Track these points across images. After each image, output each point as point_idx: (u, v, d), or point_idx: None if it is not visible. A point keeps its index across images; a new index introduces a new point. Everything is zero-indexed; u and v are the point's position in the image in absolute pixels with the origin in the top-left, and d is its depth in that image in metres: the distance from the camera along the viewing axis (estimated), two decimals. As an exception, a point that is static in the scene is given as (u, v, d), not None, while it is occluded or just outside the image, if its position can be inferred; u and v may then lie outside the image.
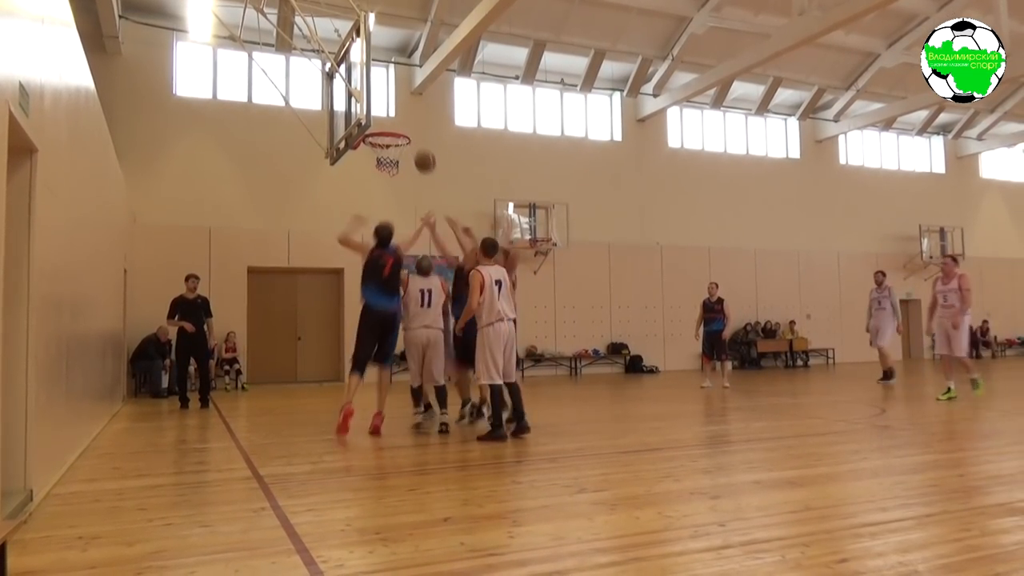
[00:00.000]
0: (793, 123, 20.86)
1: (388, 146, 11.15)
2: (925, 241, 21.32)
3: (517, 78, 17.55)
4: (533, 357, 16.62)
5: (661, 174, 18.83)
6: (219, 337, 13.54)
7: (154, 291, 13.11)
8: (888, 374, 12.04)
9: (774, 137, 20.76)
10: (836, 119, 20.78)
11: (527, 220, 16.65)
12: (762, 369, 18.23)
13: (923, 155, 22.70)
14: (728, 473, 5.16)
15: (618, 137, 18.73)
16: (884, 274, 12.45)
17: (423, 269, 7.65)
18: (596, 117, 18.68)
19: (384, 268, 7.31)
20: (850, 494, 4.46)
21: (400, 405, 8.80)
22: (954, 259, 9.87)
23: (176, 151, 14.71)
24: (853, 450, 6.03)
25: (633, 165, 18.61)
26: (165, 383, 12.48)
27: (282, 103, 14.28)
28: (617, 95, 18.70)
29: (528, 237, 16.56)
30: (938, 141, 22.91)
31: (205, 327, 10.42)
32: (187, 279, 10.42)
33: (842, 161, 21.52)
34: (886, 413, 8.37)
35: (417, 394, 7.68)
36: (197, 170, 14.75)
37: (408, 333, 7.39)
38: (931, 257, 21.18)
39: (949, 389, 9.33)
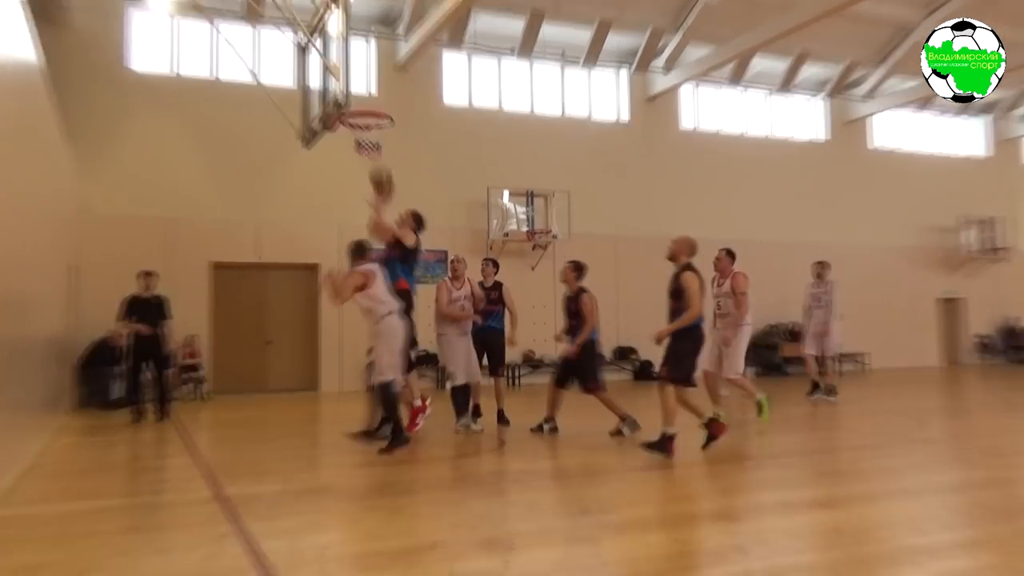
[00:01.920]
0: (820, 102, 20.87)
1: (369, 127, 11.10)
2: (967, 233, 21.37)
3: (513, 52, 17.52)
4: (531, 363, 16.60)
5: (673, 159, 18.82)
6: (178, 341, 13.49)
7: (107, 290, 13.02)
8: (817, 387, 11.27)
9: (799, 117, 20.77)
10: (867, 98, 20.80)
11: (524, 210, 16.62)
12: (787, 376, 18.25)
13: (964, 137, 22.75)
14: (749, 492, 5.14)
15: (625, 118, 18.71)
16: (826, 265, 12.02)
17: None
18: (601, 95, 18.65)
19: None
20: (885, 516, 4.45)
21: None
22: (729, 252, 8.45)
23: (132, 133, 14.64)
24: (889, 467, 6.02)
25: (642, 149, 18.60)
26: (118, 393, 12.42)
27: (251, 80, 14.19)
28: (624, 71, 18.67)
29: (525, 229, 16.54)
30: (980, 122, 22.95)
31: (162, 330, 10.37)
32: (141, 275, 10.37)
33: (874, 144, 21.53)
34: (925, 426, 8.37)
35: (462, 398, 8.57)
36: (155, 154, 14.68)
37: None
38: (973, 251, 21.23)
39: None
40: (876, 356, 20.19)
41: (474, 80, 17.41)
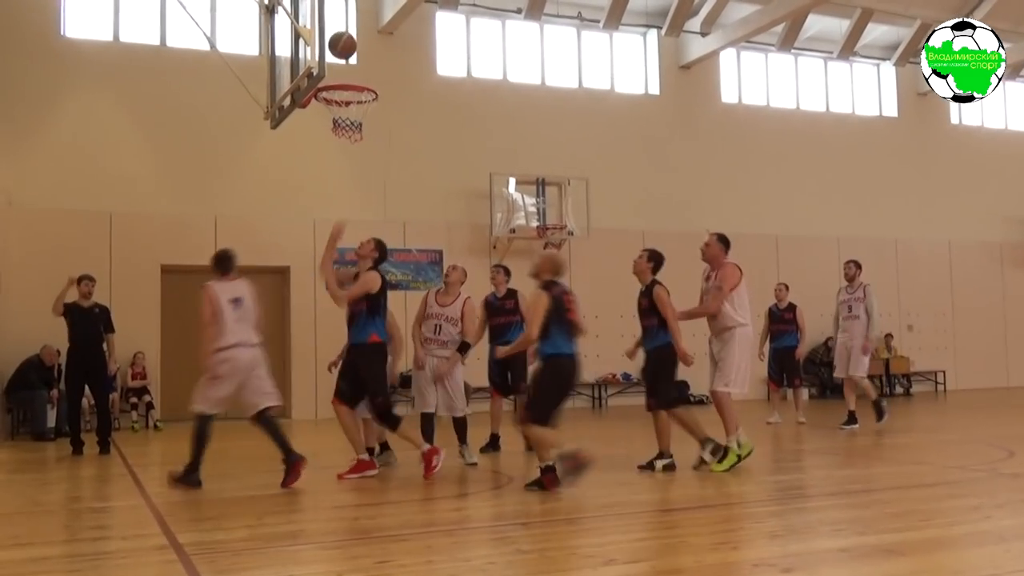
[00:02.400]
0: (888, 70, 20.90)
1: (348, 103, 11.19)
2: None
3: (520, 12, 17.60)
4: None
5: (712, 138, 18.87)
6: (123, 359, 13.56)
7: (35, 298, 13.11)
8: (879, 411, 10.95)
9: (863, 88, 20.81)
10: (945, 64, 20.84)
11: (534, 201, 16.69)
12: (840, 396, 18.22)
13: (1062, 111, 22.75)
14: (804, 538, 5.17)
15: (655, 89, 18.77)
16: (858, 265, 11.74)
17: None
18: (625, 63, 18.72)
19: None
20: (968, 564, 4.46)
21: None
22: (722, 238, 7.92)
23: (64, 111, 14.76)
24: (972, 506, 6.04)
25: (675, 126, 18.65)
26: (52, 421, 12.49)
27: (206, 47, 14.31)
28: (653, 33, 18.74)
29: (535, 224, 16.60)
30: (1082, 93, 22.96)
31: (106, 345, 10.43)
32: (80, 281, 10.42)
33: (955, 120, 21.55)
34: (1015, 457, 8.38)
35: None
36: (92, 136, 14.80)
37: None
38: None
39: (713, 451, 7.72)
40: (955, 375, 20.19)
41: (473, 46, 17.51)
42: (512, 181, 16.60)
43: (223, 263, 8.12)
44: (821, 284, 19.07)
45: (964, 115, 21.67)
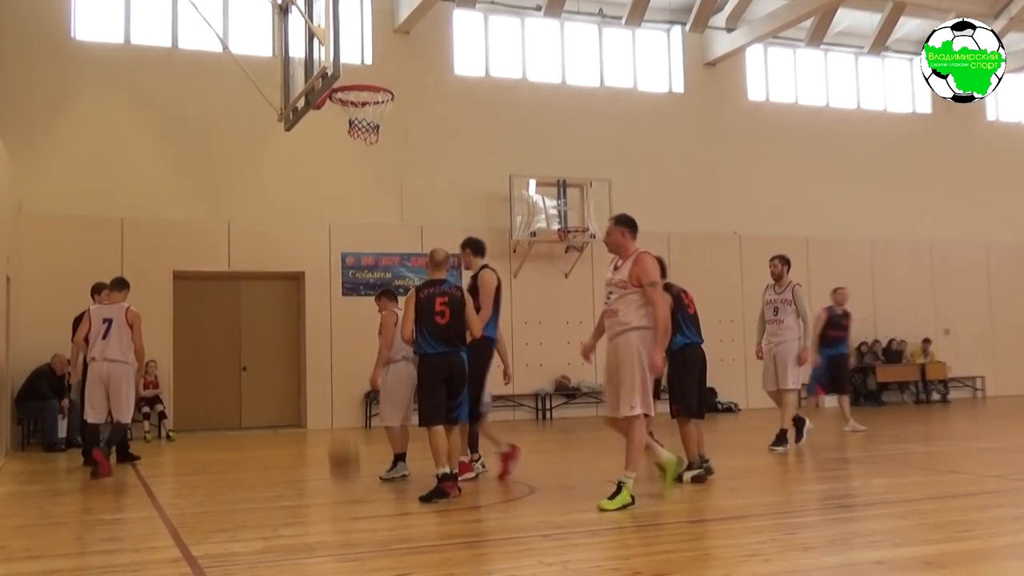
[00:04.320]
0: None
1: (364, 104, 11.24)
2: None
3: (539, 9, 17.62)
4: (565, 392, 16.61)
5: (738, 137, 18.80)
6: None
7: (47, 305, 13.25)
8: (798, 426, 10.29)
9: (895, 84, 20.67)
10: (981, 58, 20.66)
11: (555, 203, 16.68)
12: (883, 405, 18.12)
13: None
14: (839, 549, 5.12)
15: (679, 87, 18.72)
16: (785, 262, 10.58)
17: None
18: (648, 60, 18.69)
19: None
20: (1010, 578, 4.42)
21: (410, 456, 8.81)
22: (625, 220, 6.96)
23: (76, 115, 14.89)
24: (1013, 516, 5.97)
25: (700, 125, 18.60)
26: (63, 431, 12.58)
27: (219, 48, 14.42)
28: (677, 30, 18.71)
29: (556, 227, 16.59)
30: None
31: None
32: (102, 290, 10.37)
33: (991, 116, 21.37)
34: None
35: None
36: (105, 141, 14.92)
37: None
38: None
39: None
40: (994, 380, 20.00)
41: (491, 44, 17.53)
42: (532, 183, 16.59)
43: (118, 285, 9.63)
44: (853, 289, 18.95)
45: (1001, 111, 21.49)
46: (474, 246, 8.48)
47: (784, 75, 19.67)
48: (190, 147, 15.25)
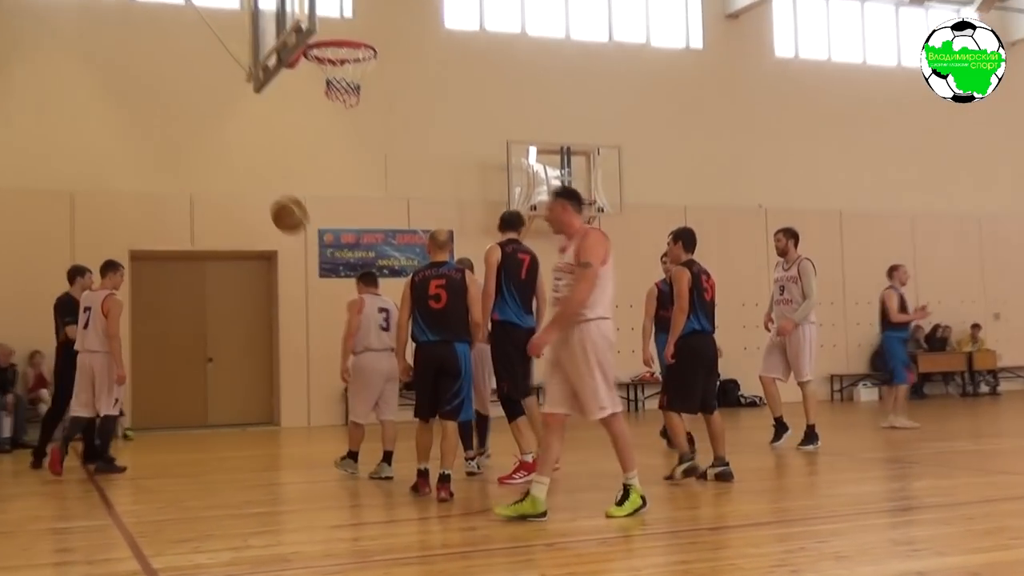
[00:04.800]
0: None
1: (343, 62, 11.18)
2: None
3: (539, -46, 17.53)
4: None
5: (764, 98, 18.75)
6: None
7: (-11, 290, 13.24)
8: (782, 427, 10.25)
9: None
10: (1037, 8, 20.59)
11: (558, 173, 16.63)
12: (925, 398, 18.14)
13: None
14: (876, 559, 5.13)
15: (697, 43, 18.65)
16: (791, 235, 10.60)
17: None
18: (663, 12, 18.60)
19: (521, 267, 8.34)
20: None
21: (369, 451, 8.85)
22: (567, 193, 6.88)
23: (18, 77, 14.82)
24: (1069, 522, 5.99)
25: (721, 85, 18.53)
26: (7, 430, 12.60)
27: (180, 0, 14.36)
28: (694, -23, 18.64)
29: (559, 199, 16.56)
30: None
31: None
32: (84, 273, 10.43)
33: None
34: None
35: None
36: (52, 105, 14.85)
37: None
38: None
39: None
40: (1052, 370, 19.98)
41: (486, -6, 17.43)
42: (532, 151, 16.54)
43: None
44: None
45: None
46: (502, 221, 8.68)
47: (816, 28, 19.57)
48: (148, 112, 15.18)
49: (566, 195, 6.72)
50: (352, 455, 8.83)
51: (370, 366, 8.79)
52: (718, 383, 8.15)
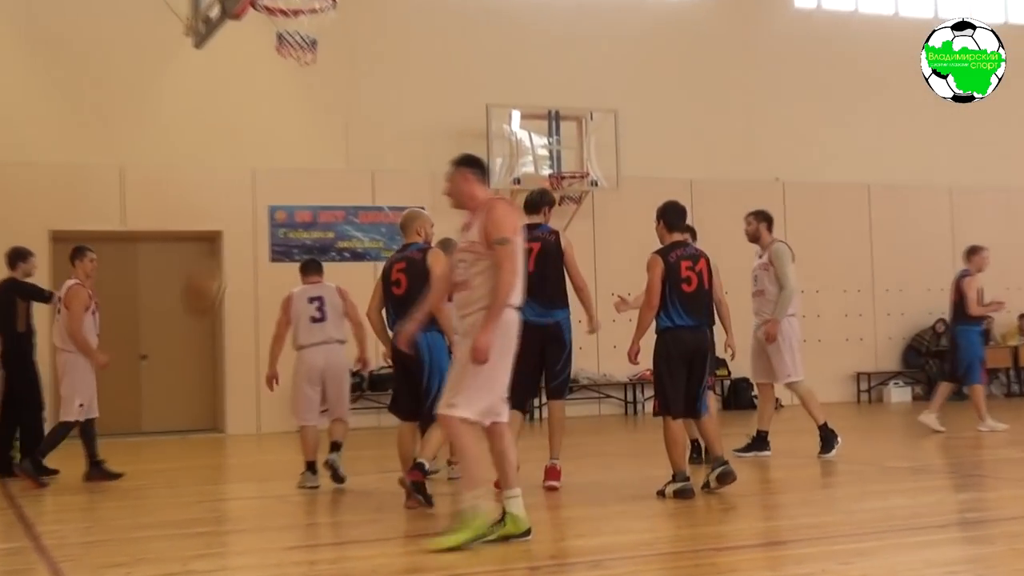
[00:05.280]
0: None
1: (297, 13, 11.13)
2: None
3: None
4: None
5: (782, 55, 18.76)
6: None
7: None
8: (826, 438, 10.24)
9: (983, -13, 20.63)
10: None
11: (545, 142, 16.61)
12: (965, 399, 18.18)
13: None
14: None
15: (704, -9, 18.66)
16: (761, 218, 10.61)
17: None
18: (665, -44, 18.60)
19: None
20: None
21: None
22: (469, 161, 6.56)
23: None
24: None
25: (733, 41, 18.54)
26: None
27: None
28: (702, -84, 18.62)
29: (547, 171, 16.52)
30: None
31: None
32: (27, 256, 10.78)
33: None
34: None
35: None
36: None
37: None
38: None
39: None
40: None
41: (462, -65, 17.36)
42: (516, 115, 16.49)
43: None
44: (927, 248, 19.00)
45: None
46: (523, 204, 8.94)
47: (840, -25, 19.61)
48: (72, 72, 15.08)
49: (467, 163, 6.53)
50: (310, 466, 8.86)
51: (304, 363, 9.02)
52: (706, 382, 8.09)
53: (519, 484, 6.19)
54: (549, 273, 8.48)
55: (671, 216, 8.21)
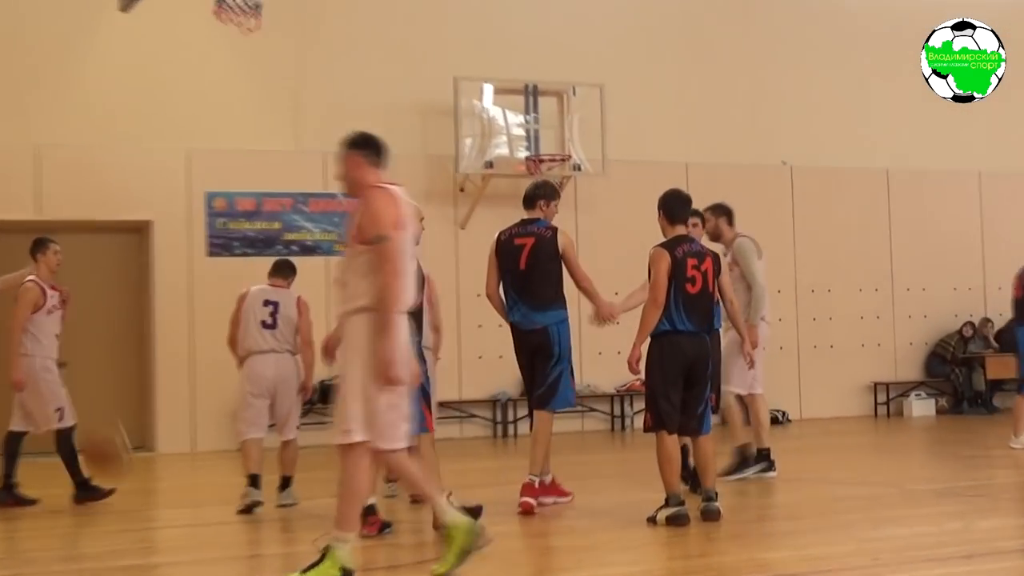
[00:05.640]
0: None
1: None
2: None
3: None
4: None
5: (789, 23, 18.80)
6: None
7: None
8: (741, 459, 10.38)
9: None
10: None
11: (521, 119, 16.58)
12: (996, 412, 18.32)
13: None
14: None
15: (703, -50, 18.69)
16: (719, 212, 10.60)
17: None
18: (657, -90, 18.63)
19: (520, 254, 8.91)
20: None
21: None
22: (357, 142, 6.40)
23: None
24: None
25: (733, 6, 18.57)
26: None
27: None
28: None
29: (523, 154, 16.50)
30: None
31: None
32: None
33: None
34: None
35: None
36: None
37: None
38: None
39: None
40: None
41: None
42: (488, 89, 16.45)
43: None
44: (954, 241, 19.07)
45: None
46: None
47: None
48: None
49: (357, 144, 6.34)
50: (252, 480, 8.88)
51: (253, 372, 9.11)
52: (708, 395, 8.11)
53: (355, 530, 6.05)
54: (539, 273, 8.62)
55: (673, 207, 8.22)
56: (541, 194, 9.08)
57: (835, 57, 18.88)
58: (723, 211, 10.54)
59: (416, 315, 7.12)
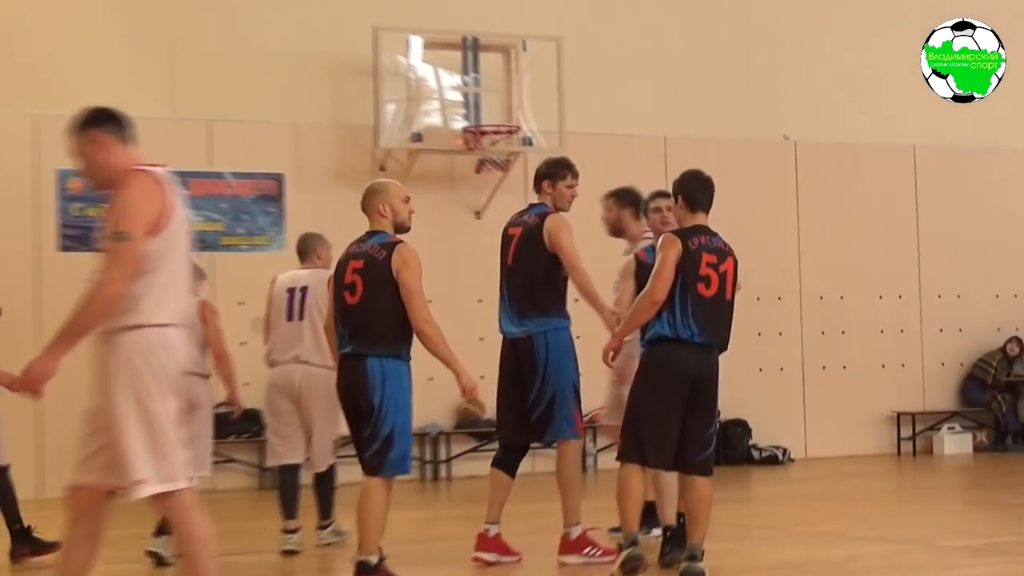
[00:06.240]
0: None
1: None
2: None
3: None
4: (473, 430, 16.70)
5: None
6: None
7: None
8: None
9: None
10: None
11: (458, 80, 16.60)
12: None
13: None
14: None
15: None
16: (627, 201, 10.53)
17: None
18: None
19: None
20: None
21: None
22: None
23: None
24: None
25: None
26: None
27: None
28: None
29: (460, 123, 16.47)
30: None
31: None
32: None
33: None
34: None
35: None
36: None
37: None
38: None
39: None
40: None
41: None
42: (417, 43, 16.46)
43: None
44: (994, 235, 19.19)
45: None
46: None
47: None
48: None
49: (96, 120, 6.09)
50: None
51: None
52: (714, 426, 8.03)
53: None
54: (522, 271, 8.75)
55: (693, 189, 8.21)
56: (544, 172, 9.16)
57: (846, 13, 19.01)
58: (628, 199, 10.32)
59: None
